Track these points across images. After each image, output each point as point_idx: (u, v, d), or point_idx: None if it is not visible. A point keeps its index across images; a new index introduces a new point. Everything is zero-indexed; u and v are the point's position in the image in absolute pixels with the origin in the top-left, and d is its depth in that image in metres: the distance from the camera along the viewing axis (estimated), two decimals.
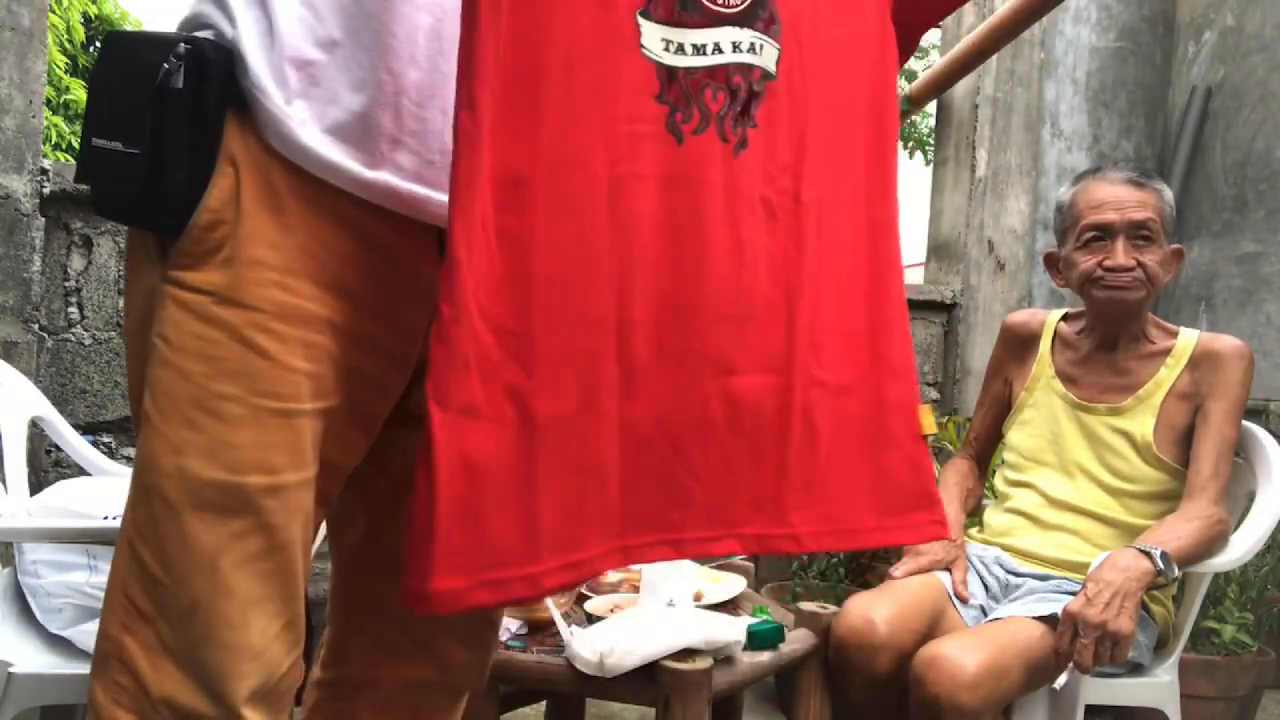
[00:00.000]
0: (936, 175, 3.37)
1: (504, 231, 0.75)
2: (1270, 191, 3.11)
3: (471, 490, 0.75)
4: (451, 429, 0.74)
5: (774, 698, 2.38)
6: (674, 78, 0.82)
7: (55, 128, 5.07)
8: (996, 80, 3.18)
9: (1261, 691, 2.32)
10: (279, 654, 0.84)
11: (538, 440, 0.78)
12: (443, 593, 0.74)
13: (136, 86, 0.76)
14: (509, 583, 0.77)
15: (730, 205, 0.85)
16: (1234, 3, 3.26)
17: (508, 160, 0.75)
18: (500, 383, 0.76)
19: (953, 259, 3.25)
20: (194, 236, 0.77)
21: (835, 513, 0.95)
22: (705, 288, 0.85)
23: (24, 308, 1.95)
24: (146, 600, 0.79)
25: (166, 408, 0.78)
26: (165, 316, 0.78)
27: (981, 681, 1.31)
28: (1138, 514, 1.62)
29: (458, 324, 0.73)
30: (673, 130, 0.82)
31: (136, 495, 0.80)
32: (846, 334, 0.95)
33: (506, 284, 0.76)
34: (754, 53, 0.85)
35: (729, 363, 0.87)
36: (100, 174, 0.79)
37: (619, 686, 1.20)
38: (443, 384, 0.73)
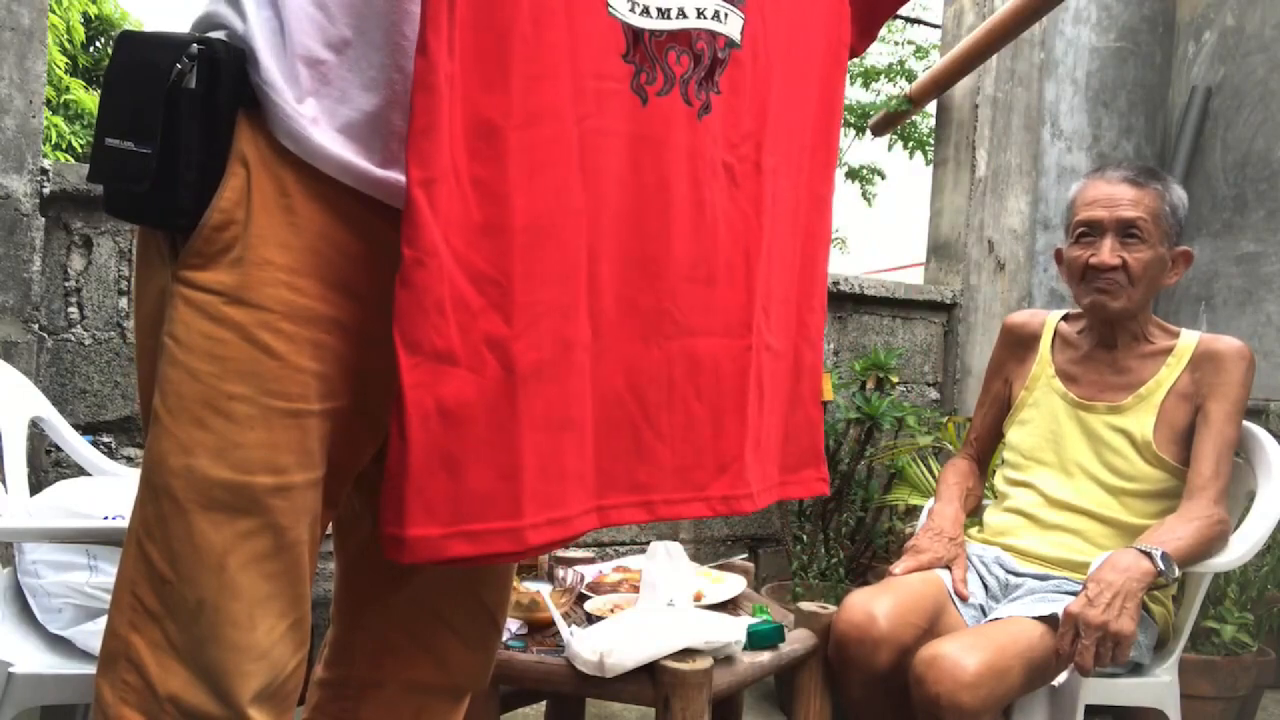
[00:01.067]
0: (936, 175, 3.37)
1: (479, 180, 0.76)
2: (1270, 191, 3.11)
3: (449, 438, 0.75)
4: (424, 374, 0.74)
5: (774, 698, 2.38)
6: (639, 39, 0.83)
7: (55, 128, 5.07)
8: (996, 80, 3.18)
9: (1261, 691, 2.32)
10: (285, 654, 0.84)
11: (518, 391, 0.78)
12: (418, 540, 0.74)
13: (149, 86, 0.76)
14: (489, 535, 0.77)
15: (694, 168, 0.86)
16: (1234, 3, 3.26)
17: (479, 110, 0.76)
18: (480, 331, 0.76)
19: (953, 259, 3.25)
20: (205, 236, 0.78)
21: (766, 470, 0.98)
22: (670, 248, 0.86)
23: (24, 308, 1.95)
24: (154, 599, 0.79)
25: (175, 407, 0.78)
26: (175, 316, 0.78)
27: (982, 681, 1.31)
28: (1137, 513, 1.62)
29: (422, 266, 0.73)
30: (638, 90, 0.83)
31: (145, 493, 0.80)
32: (784, 300, 0.98)
33: (483, 232, 0.76)
34: (719, 20, 0.87)
35: (692, 324, 0.88)
36: (112, 173, 0.79)
37: (619, 686, 1.20)
38: (410, 328, 0.74)
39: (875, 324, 3.06)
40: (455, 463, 0.75)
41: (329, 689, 1.03)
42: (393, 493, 0.74)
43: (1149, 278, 1.62)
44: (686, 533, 2.75)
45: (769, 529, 2.85)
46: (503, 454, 0.77)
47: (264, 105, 0.78)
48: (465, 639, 1.01)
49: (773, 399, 0.97)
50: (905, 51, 3.62)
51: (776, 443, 1.00)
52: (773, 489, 1.01)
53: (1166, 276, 1.66)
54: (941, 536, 1.68)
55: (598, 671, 1.19)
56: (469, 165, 0.75)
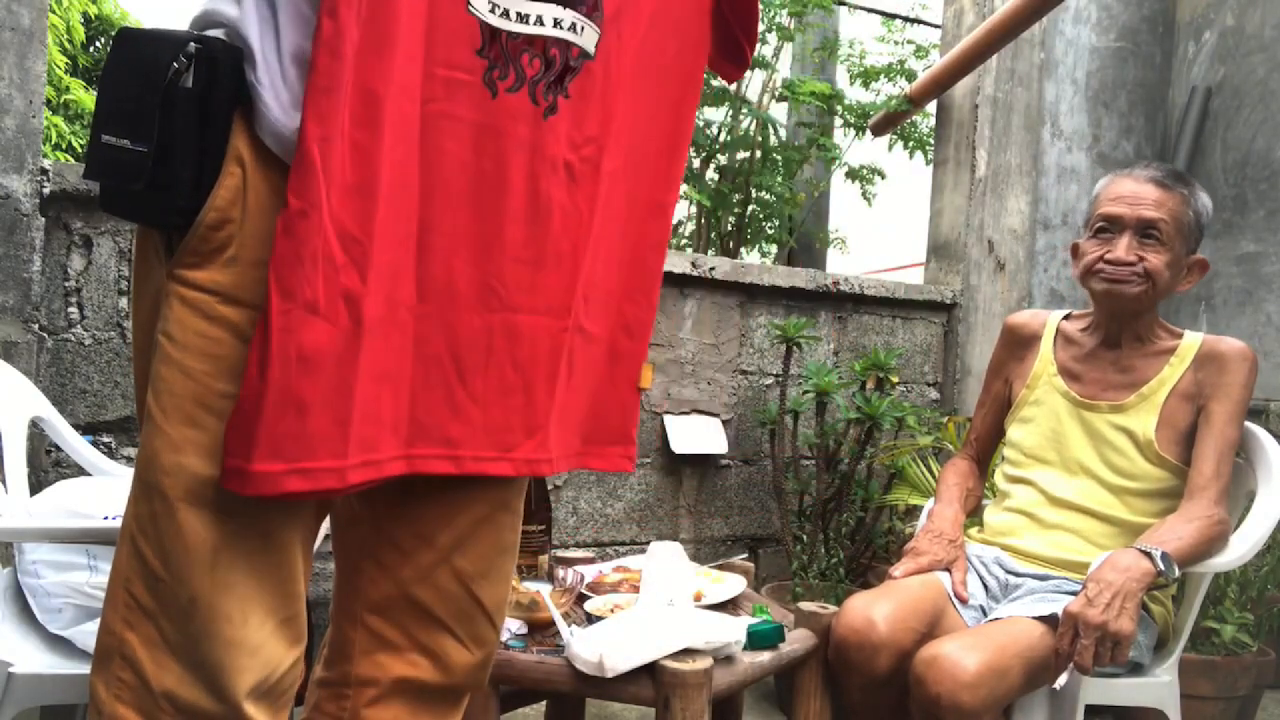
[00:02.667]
0: (936, 175, 3.37)
1: (357, 144, 0.81)
2: (1270, 191, 3.11)
3: (303, 383, 0.79)
4: (291, 320, 0.78)
5: (774, 698, 2.38)
6: (496, 38, 0.88)
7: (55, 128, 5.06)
8: (996, 80, 3.18)
9: (1261, 691, 2.32)
10: (278, 650, 0.84)
11: (361, 345, 0.83)
12: (260, 474, 0.78)
13: (146, 84, 0.77)
14: (319, 473, 0.81)
15: (533, 161, 0.93)
16: (1234, 3, 3.26)
17: (367, 78, 0.81)
18: (340, 286, 0.81)
19: (953, 259, 3.24)
20: (200, 235, 0.78)
21: (565, 438, 1.05)
22: (502, 230, 0.92)
23: (24, 308, 1.95)
24: (148, 596, 0.79)
25: (169, 405, 0.78)
26: (169, 314, 0.79)
27: (982, 681, 1.31)
28: (1138, 512, 1.62)
29: (305, 218, 0.78)
30: (489, 84, 0.89)
31: (138, 491, 0.80)
32: (606, 291, 1.06)
33: (354, 194, 0.81)
34: (574, 32, 0.93)
35: (515, 301, 0.95)
36: (107, 170, 0.79)
37: (619, 686, 1.20)
38: (287, 275, 0.78)
39: (875, 324, 3.06)
40: (304, 406, 0.80)
41: (328, 689, 1.03)
42: (242, 428, 0.78)
43: (1166, 280, 1.61)
44: (686, 533, 2.75)
45: (769, 529, 2.85)
46: (342, 400, 0.82)
47: (255, 106, 0.79)
48: (463, 639, 1.01)
49: (583, 377, 1.05)
50: (905, 51, 3.61)
51: (581, 416, 1.08)
52: (573, 457, 1.09)
53: (1180, 283, 1.65)
54: (941, 538, 1.67)
55: (598, 671, 1.18)
56: (351, 130, 0.80)
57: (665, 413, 2.70)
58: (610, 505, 2.65)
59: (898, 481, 2.55)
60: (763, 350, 2.85)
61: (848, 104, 3.37)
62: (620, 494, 2.66)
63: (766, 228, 3.53)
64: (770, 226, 3.52)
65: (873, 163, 3.60)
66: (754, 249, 3.84)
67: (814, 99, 3.21)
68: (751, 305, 2.83)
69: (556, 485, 2.55)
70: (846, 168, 3.52)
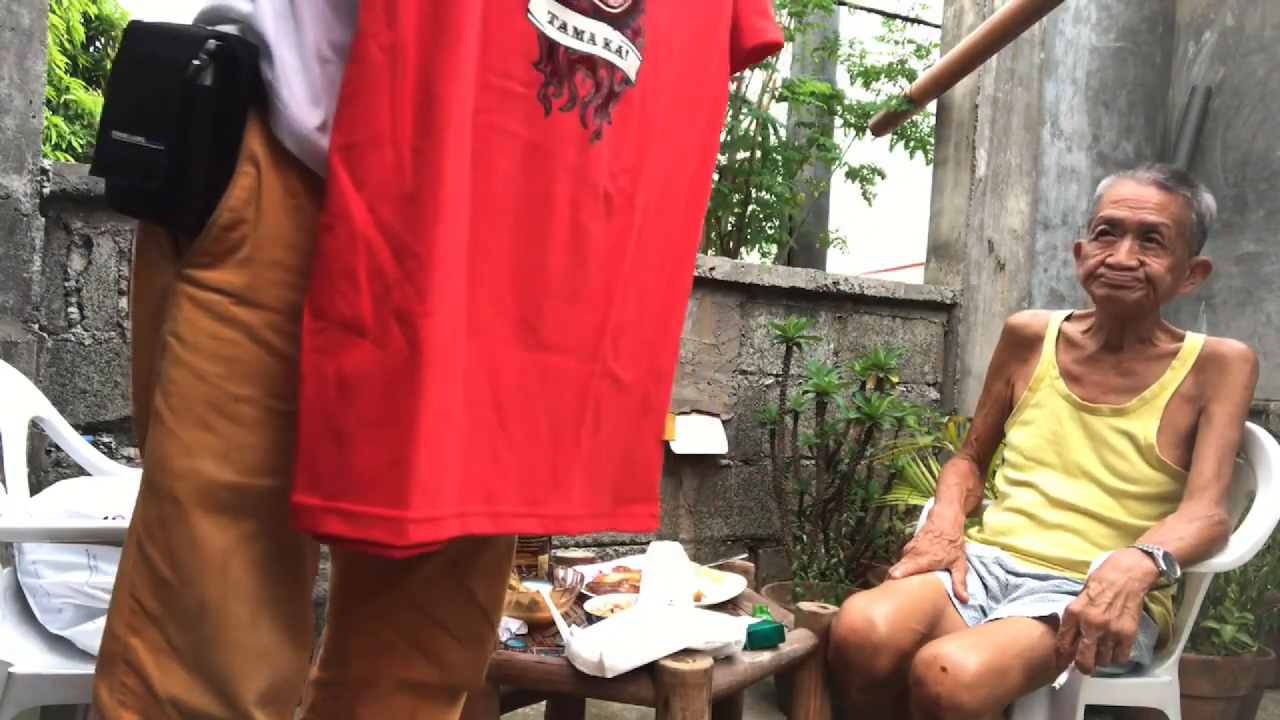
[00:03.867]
0: (936, 175, 3.37)
1: (420, 152, 0.75)
2: (1270, 191, 3.11)
3: (343, 409, 0.74)
4: (326, 341, 0.74)
5: (774, 698, 2.38)
6: (554, 53, 0.83)
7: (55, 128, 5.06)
8: (996, 80, 3.18)
9: (1261, 691, 2.32)
10: (287, 655, 0.84)
11: (421, 374, 0.75)
12: (296, 506, 0.74)
13: (164, 81, 0.75)
14: (368, 519, 0.74)
15: (577, 188, 0.87)
16: (1234, 3, 3.26)
17: (432, 80, 0.75)
18: (391, 304, 0.75)
19: (953, 259, 3.24)
20: (213, 235, 0.77)
21: (594, 499, 0.99)
22: (545, 260, 0.86)
23: (24, 308, 1.95)
24: (154, 601, 0.78)
25: (179, 407, 0.77)
26: (179, 315, 0.77)
27: (982, 681, 1.31)
28: (1137, 515, 1.62)
29: (331, 232, 0.74)
30: (543, 100, 0.83)
31: (146, 494, 0.79)
32: (639, 339, 0.99)
33: (410, 203, 0.75)
34: (620, 56, 0.88)
35: (548, 339, 0.88)
36: (119, 167, 0.77)
37: (619, 686, 1.20)
38: (318, 292, 0.74)
39: (875, 324, 3.06)
40: (344, 436, 0.74)
41: (325, 689, 1.03)
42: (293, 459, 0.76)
43: (1167, 284, 1.60)
44: (686, 533, 2.75)
45: (769, 529, 2.85)
46: (396, 435, 0.75)
47: (272, 105, 0.78)
48: (459, 637, 1.01)
49: (612, 430, 0.98)
50: (905, 51, 3.61)
51: (613, 474, 1.00)
52: (603, 517, 1.01)
53: (1183, 285, 1.65)
54: (941, 539, 1.67)
55: (598, 671, 1.18)
56: (413, 136, 0.75)
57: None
58: None
59: (898, 481, 2.55)
60: (763, 350, 2.85)
61: (848, 104, 3.37)
62: None
63: (766, 228, 3.53)
64: (770, 226, 3.52)
65: (873, 163, 3.60)
66: (754, 249, 3.84)
67: (814, 99, 3.21)
68: (751, 305, 2.83)
69: None
70: (846, 168, 3.52)
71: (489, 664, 1.08)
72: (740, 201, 3.33)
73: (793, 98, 3.29)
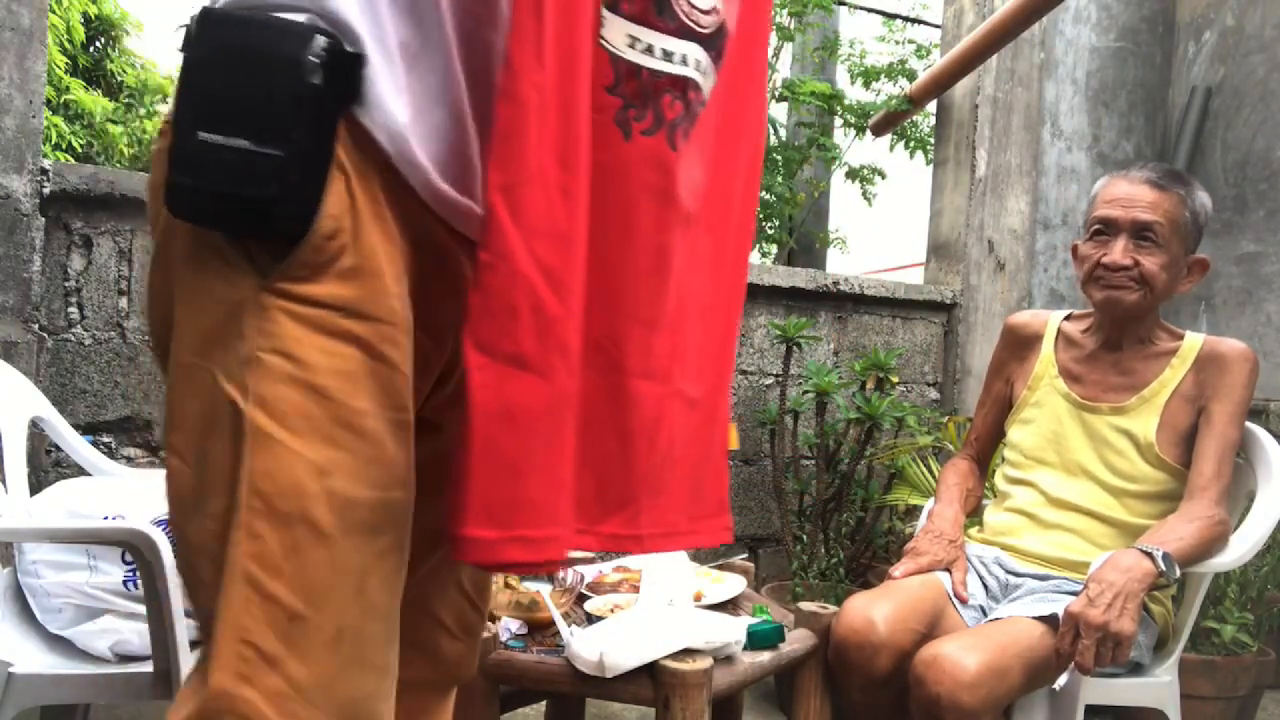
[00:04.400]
0: (936, 175, 3.37)
1: (567, 189, 0.76)
2: (1270, 191, 3.11)
3: (515, 442, 0.75)
4: (490, 375, 0.74)
5: (774, 698, 2.38)
6: (635, 75, 0.82)
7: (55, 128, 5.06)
8: (996, 80, 3.18)
9: (1261, 691, 2.32)
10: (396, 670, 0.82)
11: (574, 401, 0.79)
12: (475, 541, 0.74)
13: (268, 78, 0.70)
14: (543, 542, 0.77)
15: (660, 210, 0.86)
16: (1234, 3, 3.26)
17: (570, 116, 0.76)
18: (556, 338, 0.77)
19: (953, 259, 3.24)
20: (313, 245, 0.72)
21: (666, 518, 0.98)
22: (624, 285, 0.87)
23: (24, 308, 1.95)
24: (277, 641, 0.71)
25: (303, 428, 0.72)
26: (280, 332, 0.72)
27: (982, 681, 1.31)
28: (1138, 514, 1.62)
29: (493, 270, 0.74)
30: (622, 124, 0.82)
31: (266, 526, 0.72)
32: (705, 353, 0.99)
33: (568, 241, 0.77)
34: (702, 74, 0.87)
35: (626, 363, 0.88)
36: (214, 174, 0.70)
37: (619, 686, 1.20)
38: (479, 329, 0.74)
39: (875, 324, 3.06)
40: (518, 468, 0.75)
41: None
42: (456, 492, 0.74)
43: (1163, 282, 1.60)
44: None
45: (769, 529, 2.85)
46: (557, 460, 0.78)
47: (368, 101, 0.73)
48: (454, 630, 1.00)
49: (685, 449, 0.98)
50: (905, 51, 3.61)
51: (686, 493, 1.01)
52: (680, 536, 1.01)
53: (1180, 283, 1.65)
54: (941, 539, 1.67)
55: (598, 671, 1.18)
56: (560, 174, 0.76)
57: None
58: None
59: (898, 481, 2.55)
60: (763, 350, 2.85)
61: (848, 104, 3.37)
62: None
63: (766, 228, 3.53)
64: (770, 226, 3.52)
65: (873, 163, 3.60)
66: (754, 249, 3.84)
67: (814, 99, 3.22)
68: (751, 305, 2.83)
69: None
70: (846, 168, 3.52)
71: (490, 665, 1.08)
72: None
73: (793, 98, 3.29)
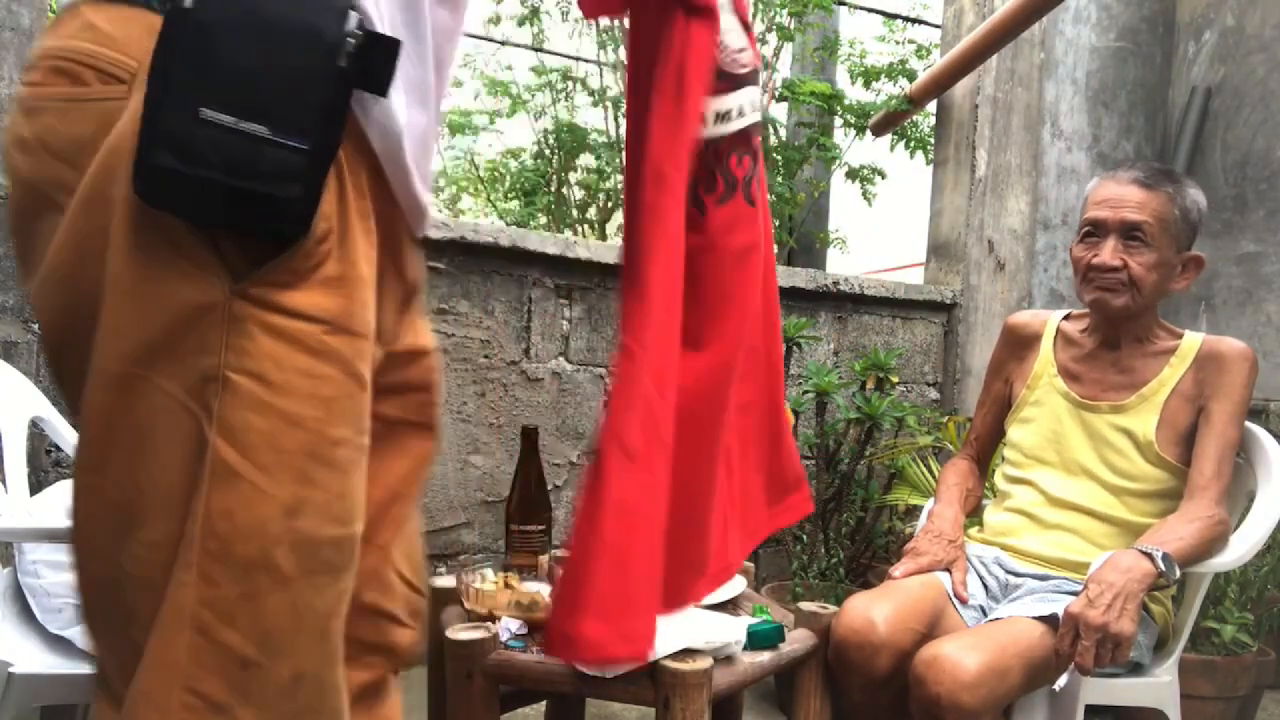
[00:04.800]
0: (936, 175, 3.37)
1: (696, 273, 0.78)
2: (1270, 191, 3.11)
3: (624, 535, 0.75)
4: (613, 466, 0.74)
5: (774, 698, 2.38)
6: (699, 150, 0.81)
7: None
8: (996, 80, 3.18)
9: (1261, 691, 2.32)
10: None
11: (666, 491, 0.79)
12: (583, 639, 0.73)
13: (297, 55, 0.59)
14: (638, 637, 0.77)
15: (743, 260, 0.87)
16: (1234, 3, 3.26)
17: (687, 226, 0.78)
18: (656, 431, 0.76)
19: (953, 259, 3.24)
20: (305, 249, 0.63)
21: (750, 524, 1.01)
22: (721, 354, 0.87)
23: (24, 308, 1.95)
24: (226, 688, 0.65)
25: (272, 463, 0.63)
26: (254, 349, 0.62)
27: (982, 681, 1.31)
28: (1138, 512, 1.62)
29: (633, 359, 0.74)
30: (696, 203, 0.81)
31: (220, 572, 0.64)
32: (752, 349, 0.99)
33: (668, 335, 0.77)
34: (758, 112, 0.88)
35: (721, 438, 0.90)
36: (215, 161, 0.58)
37: (619, 686, 1.20)
38: (618, 421, 0.73)
39: (875, 324, 3.06)
40: (625, 559, 0.75)
41: None
42: (566, 588, 0.73)
43: (1153, 282, 1.60)
44: None
45: None
46: (655, 552, 0.78)
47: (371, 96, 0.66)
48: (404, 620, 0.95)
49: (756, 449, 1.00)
50: (905, 51, 3.61)
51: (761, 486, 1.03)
52: (760, 529, 1.03)
53: (1175, 281, 1.64)
54: (941, 539, 1.67)
55: (598, 671, 1.18)
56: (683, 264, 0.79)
57: None
58: None
59: (898, 481, 2.55)
60: None
61: (848, 104, 3.36)
62: None
63: None
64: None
65: (873, 163, 3.60)
66: None
67: (814, 99, 3.21)
68: None
69: (556, 485, 2.55)
70: (846, 168, 3.52)
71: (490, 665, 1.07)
72: None
73: (793, 98, 3.29)
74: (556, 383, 2.55)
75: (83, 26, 0.63)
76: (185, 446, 0.63)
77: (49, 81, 0.63)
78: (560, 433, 2.57)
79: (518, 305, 2.49)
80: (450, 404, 2.40)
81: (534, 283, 2.50)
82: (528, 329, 2.50)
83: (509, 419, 2.48)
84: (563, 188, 3.57)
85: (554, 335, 2.54)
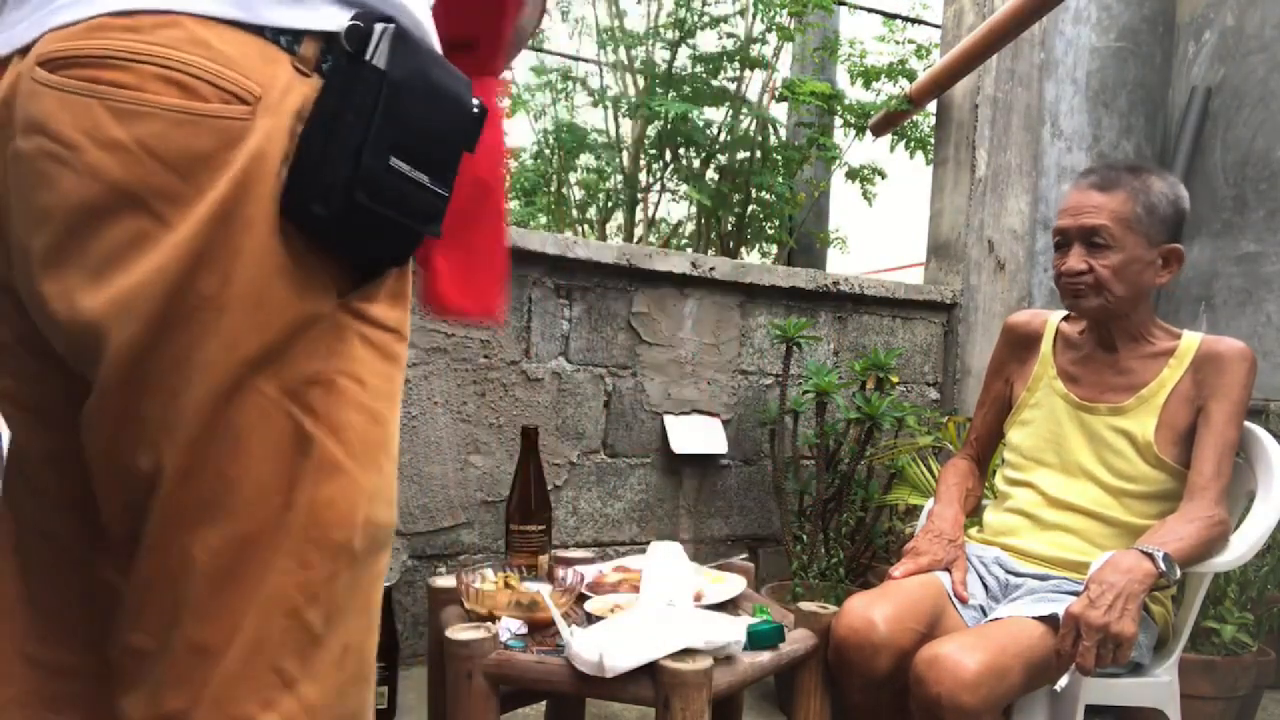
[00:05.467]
0: (936, 175, 3.37)
1: None
2: (1270, 191, 3.11)
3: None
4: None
5: (774, 698, 2.38)
6: None
7: None
8: (996, 80, 3.18)
9: (1261, 691, 2.32)
10: None
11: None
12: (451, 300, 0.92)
13: (450, 118, 0.72)
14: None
15: None
16: (1234, 3, 3.26)
17: None
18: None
19: (953, 259, 3.24)
20: (400, 271, 0.76)
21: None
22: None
23: None
24: (298, 663, 0.71)
25: (363, 456, 0.72)
26: (351, 354, 0.71)
27: (982, 681, 1.31)
28: (1137, 514, 1.62)
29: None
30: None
31: (316, 554, 0.70)
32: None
33: None
34: None
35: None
36: (392, 201, 0.69)
37: (619, 686, 1.20)
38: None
39: (875, 324, 3.06)
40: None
41: None
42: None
43: (1125, 281, 1.59)
44: (686, 533, 2.75)
45: (769, 529, 2.85)
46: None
47: None
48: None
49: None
50: (905, 51, 3.61)
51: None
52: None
53: (1155, 276, 1.62)
54: (941, 538, 1.67)
55: (598, 671, 1.18)
56: None
57: (665, 413, 2.70)
58: (610, 505, 2.65)
59: (898, 481, 2.55)
60: (763, 350, 2.85)
61: (848, 104, 3.36)
62: (620, 494, 2.66)
63: (766, 228, 3.53)
64: (770, 226, 3.52)
65: (873, 163, 3.60)
66: (754, 249, 3.84)
67: (814, 99, 3.21)
68: (751, 305, 2.83)
69: (557, 485, 2.55)
70: (846, 168, 3.52)
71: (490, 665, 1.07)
72: (740, 201, 3.33)
73: (793, 98, 3.29)
74: (556, 383, 2.55)
75: (192, 40, 0.64)
76: (280, 444, 0.68)
77: (153, 89, 0.63)
78: (560, 433, 2.57)
79: (518, 305, 2.49)
80: (450, 404, 2.40)
81: (534, 283, 2.50)
82: (528, 329, 2.51)
83: (509, 419, 2.48)
84: (563, 188, 3.57)
85: (554, 335, 2.54)
